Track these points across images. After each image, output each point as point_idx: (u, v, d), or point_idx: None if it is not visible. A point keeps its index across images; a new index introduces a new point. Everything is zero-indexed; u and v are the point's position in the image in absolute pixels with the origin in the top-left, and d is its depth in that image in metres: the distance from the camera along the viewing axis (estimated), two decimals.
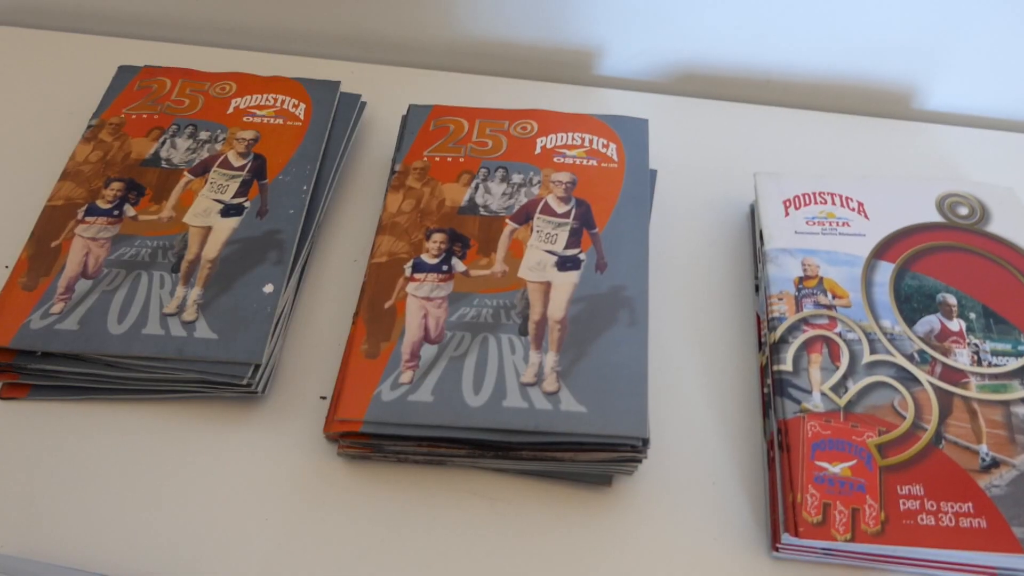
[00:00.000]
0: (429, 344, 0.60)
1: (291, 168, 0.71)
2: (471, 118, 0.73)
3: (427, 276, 0.63)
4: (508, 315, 0.61)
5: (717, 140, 0.79)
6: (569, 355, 0.59)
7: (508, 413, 0.56)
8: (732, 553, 0.57)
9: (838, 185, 0.69)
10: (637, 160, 0.70)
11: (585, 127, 0.72)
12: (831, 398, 0.58)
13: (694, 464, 0.60)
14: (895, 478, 0.55)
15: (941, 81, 0.81)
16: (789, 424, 0.57)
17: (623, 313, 0.61)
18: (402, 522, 0.58)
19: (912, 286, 0.63)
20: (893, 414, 0.58)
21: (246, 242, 0.66)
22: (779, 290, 0.63)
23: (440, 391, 0.57)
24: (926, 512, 0.54)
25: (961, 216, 0.67)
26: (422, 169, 0.70)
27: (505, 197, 0.68)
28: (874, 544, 0.53)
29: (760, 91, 0.84)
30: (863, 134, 0.80)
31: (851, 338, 0.61)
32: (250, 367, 0.60)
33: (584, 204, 0.67)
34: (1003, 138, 0.80)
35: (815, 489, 0.55)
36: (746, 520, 0.58)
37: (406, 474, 0.60)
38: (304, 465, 0.60)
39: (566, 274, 0.63)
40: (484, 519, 0.58)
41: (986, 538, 0.53)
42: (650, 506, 0.59)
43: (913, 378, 0.59)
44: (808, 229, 0.66)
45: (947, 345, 0.61)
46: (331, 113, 0.76)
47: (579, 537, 0.57)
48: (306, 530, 0.57)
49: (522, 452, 0.57)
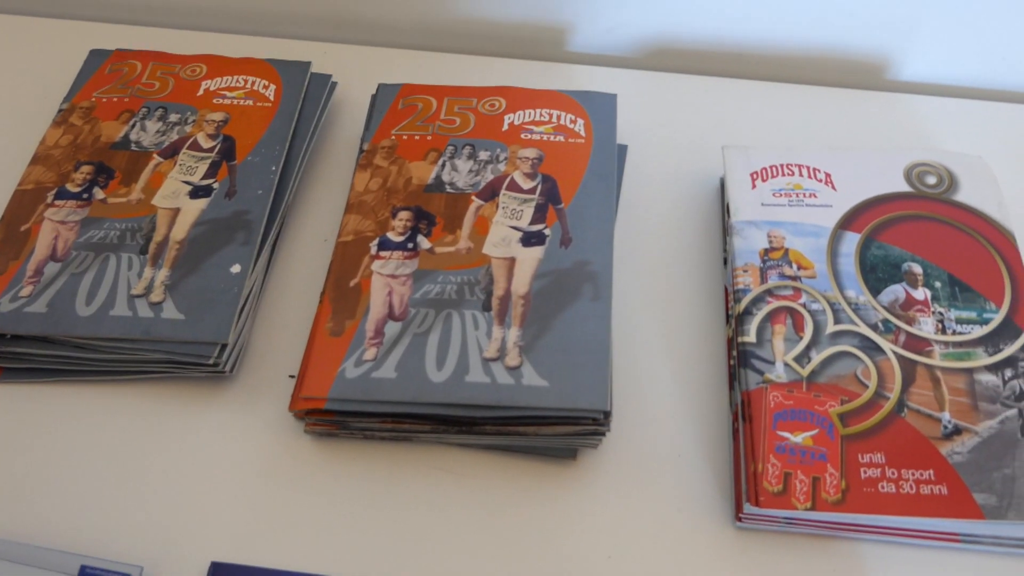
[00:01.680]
0: (393, 321, 0.60)
1: (260, 149, 0.71)
2: (440, 96, 0.73)
3: (392, 254, 0.63)
4: (472, 291, 0.61)
5: (689, 114, 0.79)
6: (532, 330, 0.59)
7: (471, 388, 0.57)
8: (696, 524, 0.57)
9: (806, 157, 0.69)
10: (605, 135, 0.70)
11: (553, 103, 0.72)
12: (794, 368, 0.58)
13: (660, 437, 0.60)
14: (856, 447, 0.55)
15: (915, 51, 0.81)
16: (752, 395, 0.58)
17: (587, 288, 0.61)
18: (369, 498, 0.58)
19: (878, 256, 0.63)
20: (856, 383, 0.58)
21: (214, 223, 0.66)
22: (744, 262, 0.63)
23: (403, 367, 0.58)
24: (887, 480, 0.54)
25: (929, 185, 0.67)
26: (390, 148, 0.70)
27: (471, 174, 0.68)
28: (834, 512, 0.53)
29: (733, 64, 0.84)
30: (837, 106, 0.80)
31: (815, 308, 0.61)
32: (216, 347, 0.61)
33: (550, 180, 0.67)
34: (977, 107, 0.80)
35: (776, 459, 0.55)
36: (711, 491, 0.58)
37: (373, 451, 0.60)
38: (273, 443, 0.60)
39: (530, 250, 0.63)
40: (450, 494, 0.58)
41: (947, 504, 0.54)
42: (615, 479, 0.59)
43: (877, 347, 0.59)
44: (775, 201, 0.66)
45: (912, 314, 0.61)
46: (301, 94, 0.76)
47: (545, 510, 0.58)
48: (274, 507, 0.57)
49: (485, 427, 0.57)
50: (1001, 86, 0.82)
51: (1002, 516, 0.53)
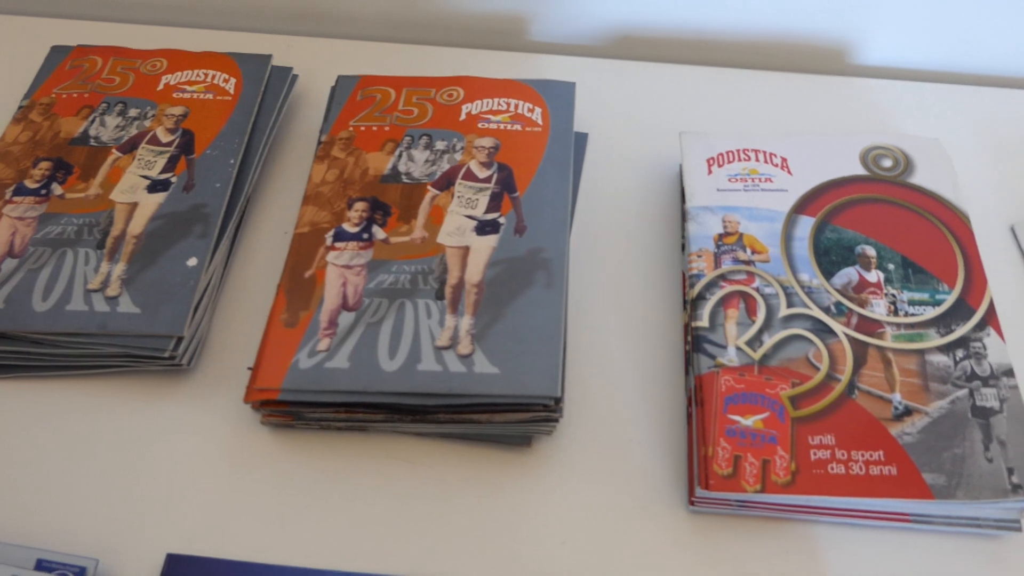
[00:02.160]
0: (347, 311, 0.60)
1: (219, 142, 0.71)
2: (398, 87, 0.73)
3: (348, 245, 0.63)
4: (426, 280, 0.61)
5: (652, 102, 0.79)
6: (484, 318, 0.59)
7: (422, 377, 0.57)
8: (650, 508, 0.57)
9: (762, 142, 0.69)
10: (562, 123, 0.70)
11: (511, 92, 0.72)
12: (746, 352, 0.58)
13: (616, 423, 0.61)
14: (807, 429, 0.55)
15: (875, 36, 0.81)
16: (703, 379, 0.58)
17: (540, 275, 0.61)
18: (326, 488, 0.58)
19: (832, 239, 0.63)
20: (807, 366, 0.58)
21: (171, 217, 0.66)
22: (699, 247, 0.63)
23: (356, 357, 0.58)
24: (837, 461, 0.54)
25: (885, 168, 0.67)
26: (347, 139, 0.70)
27: (428, 164, 0.68)
28: (784, 494, 0.54)
29: (695, 51, 0.84)
30: (799, 91, 0.80)
31: (768, 292, 0.61)
32: (172, 340, 0.61)
33: (506, 168, 0.67)
34: (937, 90, 0.80)
35: (727, 442, 0.55)
36: (665, 476, 0.59)
37: (329, 441, 0.60)
38: (230, 435, 0.60)
39: (485, 238, 0.63)
40: (406, 483, 0.59)
41: (896, 485, 0.54)
42: (570, 465, 0.59)
43: (829, 330, 0.59)
44: (730, 186, 0.66)
45: (864, 296, 0.61)
46: (261, 87, 0.76)
47: (500, 498, 0.58)
48: (231, 499, 0.58)
49: (438, 415, 0.58)
50: (960, 69, 0.82)
51: (951, 496, 0.53)
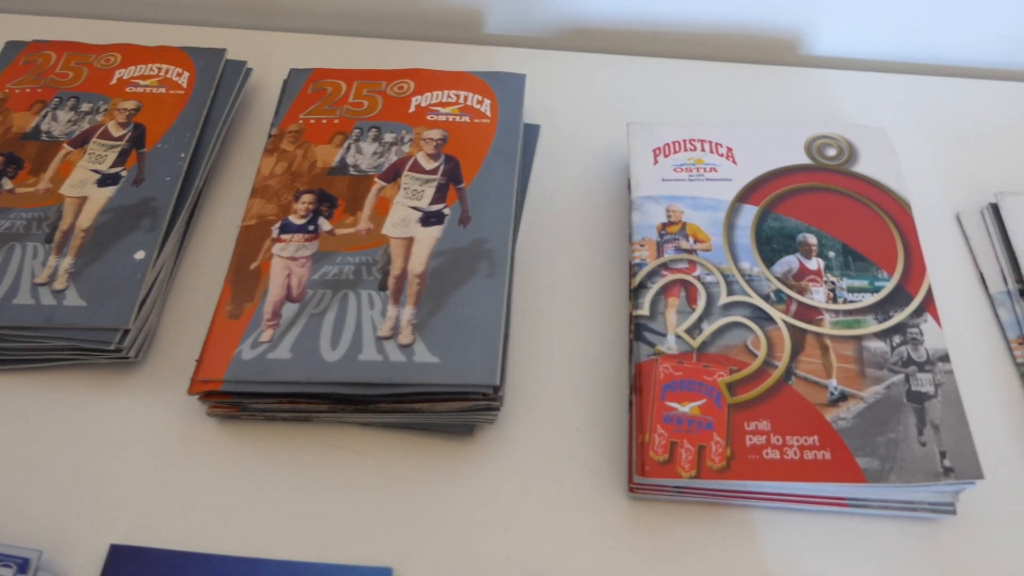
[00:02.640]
0: (291, 303, 0.60)
1: (171, 136, 0.72)
2: (350, 80, 0.74)
3: (293, 237, 0.64)
4: (369, 271, 0.61)
5: (605, 94, 0.79)
6: (426, 308, 0.59)
7: (363, 367, 0.57)
8: (592, 495, 0.58)
9: (709, 132, 0.69)
10: (510, 115, 0.70)
11: (461, 84, 0.73)
12: (685, 340, 0.59)
13: (560, 411, 0.61)
14: (743, 415, 0.56)
15: (827, 26, 0.81)
16: (642, 367, 0.58)
17: (483, 265, 0.61)
18: (271, 478, 0.59)
19: (774, 228, 0.64)
20: (745, 353, 0.58)
21: (120, 210, 0.67)
22: (642, 237, 0.64)
23: (298, 348, 0.58)
24: (772, 447, 0.55)
25: (829, 157, 0.68)
26: (297, 132, 0.70)
27: (376, 156, 0.68)
28: (719, 480, 0.54)
29: (649, 43, 0.84)
30: (752, 82, 0.80)
31: (709, 281, 0.61)
32: (118, 332, 0.61)
33: (453, 160, 0.67)
34: (888, 80, 0.80)
35: (663, 429, 0.56)
36: (607, 463, 0.59)
37: (275, 432, 0.61)
38: (178, 427, 0.61)
39: (429, 229, 0.63)
40: (351, 473, 0.59)
41: (830, 469, 0.54)
42: (513, 454, 0.60)
43: (768, 317, 0.60)
44: (675, 176, 0.67)
45: (804, 284, 0.61)
46: (215, 81, 0.76)
47: (443, 486, 0.58)
48: (177, 490, 0.58)
49: (380, 405, 0.58)
50: (910, 58, 0.82)
51: (884, 479, 0.54)
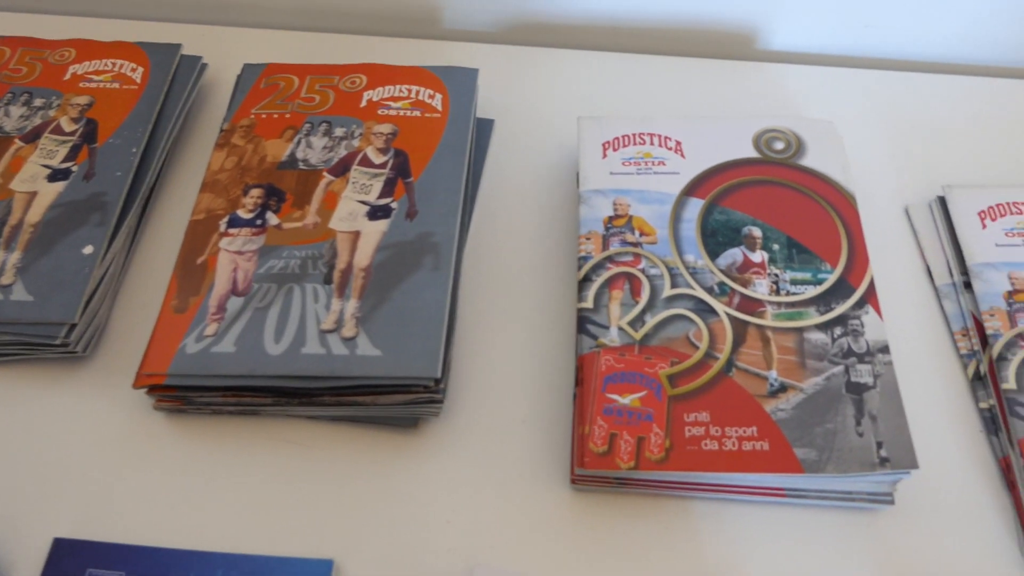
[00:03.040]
0: (236, 297, 0.61)
1: (123, 131, 0.72)
2: (303, 75, 0.74)
3: (241, 231, 0.64)
4: (315, 265, 0.62)
5: (561, 88, 0.80)
6: (370, 301, 0.60)
7: (306, 360, 0.57)
8: (535, 487, 0.58)
9: (658, 126, 0.70)
10: (461, 109, 0.71)
11: (413, 79, 0.73)
12: (628, 332, 0.59)
13: (506, 404, 0.61)
14: (683, 406, 0.56)
15: (782, 21, 0.82)
16: (584, 359, 0.58)
17: (428, 258, 0.61)
18: (218, 471, 0.59)
19: (720, 221, 0.64)
20: (687, 345, 0.59)
21: (69, 205, 0.67)
22: (588, 230, 0.64)
23: (242, 342, 0.58)
24: (710, 437, 0.55)
25: (776, 151, 0.68)
26: (248, 127, 0.70)
27: (325, 151, 0.68)
28: (657, 471, 0.55)
29: (606, 38, 0.84)
30: (708, 76, 0.81)
31: (654, 273, 0.62)
32: (65, 327, 0.61)
33: (402, 154, 0.67)
34: (841, 74, 0.81)
35: (603, 420, 0.56)
36: (552, 455, 0.59)
37: (222, 425, 0.61)
38: (125, 421, 0.61)
39: (376, 223, 0.63)
40: (297, 465, 0.59)
41: (768, 460, 0.55)
42: (459, 446, 0.60)
43: (711, 310, 0.60)
44: (623, 170, 0.67)
45: (748, 276, 0.62)
46: (169, 76, 0.76)
47: (387, 479, 0.59)
48: (123, 484, 0.58)
49: (323, 397, 0.58)
50: (865, 53, 0.83)
51: (821, 469, 0.54)
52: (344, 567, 0.55)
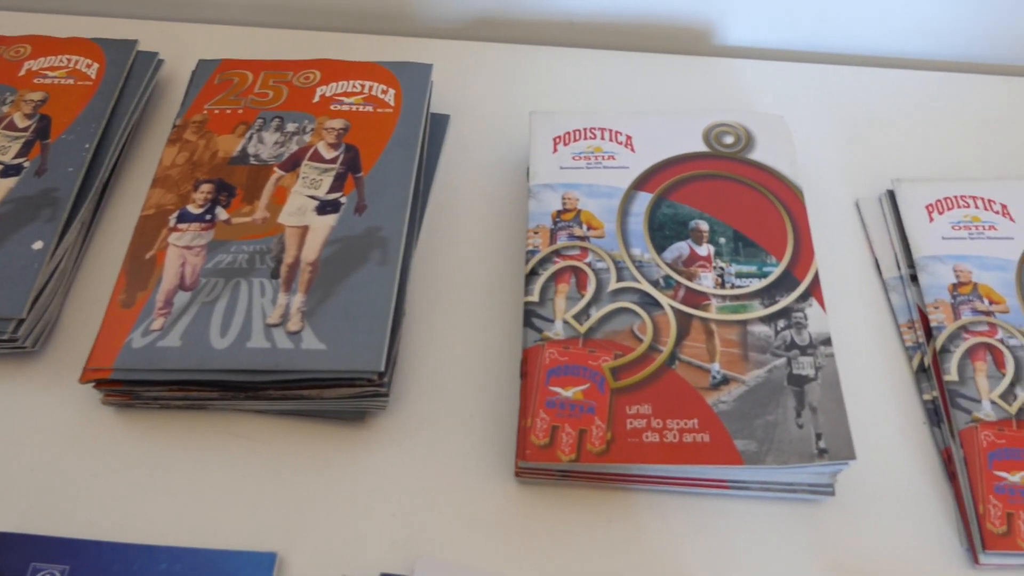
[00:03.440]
0: (183, 291, 0.61)
1: (76, 127, 0.72)
2: (257, 70, 0.74)
3: (190, 226, 0.64)
4: (263, 260, 0.62)
5: (518, 83, 0.80)
6: (316, 295, 0.60)
7: (251, 354, 0.58)
8: (480, 480, 0.59)
9: (609, 120, 0.70)
10: (414, 104, 0.71)
11: (367, 75, 0.73)
12: (572, 326, 0.60)
13: (454, 397, 0.62)
14: (625, 399, 0.57)
15: (738, 16, 0.82)
16: (528, 352, 0.59)
17: (375, 253, 0.62)
18: (165, 465, 0.59)
19: (667, 215, 0.65)
20: (631, 338, 0.59)
21: (20, 201, 0.67)
22: (536, 224, 0.64)
23: (188, 336, 0.59)
24: (652, 430, 0.56)
25: (726, 145, 0.68)
26: (200, 122, 0.70)
27: (277, 146, 0.68)
28: (598, 463, 0.55)
29: (563, 33, 0.84)
30: (664, 71, 0.81)
31: (600, 267, 0.62)
32: (12, 322, 0.61)
33: (353, 149, 0.68)
34: (795, 69, 0.81)
35: (545, 413, 0.56)
36: (497, 449, 0.60)
37: (171, 420, 0.61)
38: (74, 416, 0.61)
39: (324, 217, 0.64)
40: (245, 460, 0.59)
41: (708, 452, 0.55)
42: (406, 440, 0.60)
43: (655, 303, 0.61)
44: (573, 164, 0.67)
45: (694, 269, 0.62)
46: (124, 72, 0.76)
47: (335, 472, 0.59)
48: (71, 478, 0.58)
49: (269, 391, 0.58)
50: (819, 48, 0.83)
51: (761, 461, 0.55)
52: (288, 560, 0.55)
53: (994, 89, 0.80)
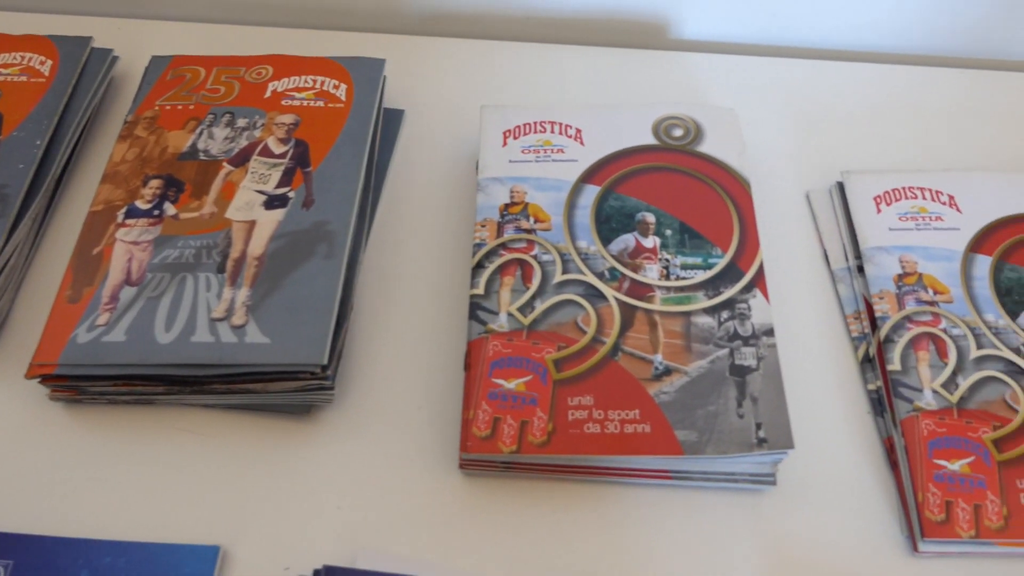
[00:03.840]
0: (130, 286, 0.61)
1: (27, 124, 0.72)
2: (209, 66, 0.74)
3: (138, 221, 0.64)
4: (209, 254, 0.62)
5: (474, 78, 0.80)
6: (262, 289, 0.60)
7: (195, 348, 0.58)
8: (425, 472, 0.59)
9: (559, 114, 0.70)
10: (366, 99, 0.71)
11: (319, 70, 0.73)
12: (517, 318, 0.60)
13: (401, 390, 0.62)
14: (567, 390, 0.57)
15: (693, 10, 0.82)
16: (473, 345, 0.59)
17: (322, 246, 0.62)
18: (112, 460, 0.59)
19: (614, 207, 0.65)
20: (575, 330, 0.59)
21: None
22: (484, 217, 0.65)
23: (133, 331, 0.59)
24: (593, 421, 0.56)
25: (675, 138, 0.69)
26: (151, 119, 0.70)
27: (227, 141, 0.68)
28: (539, 454, 0.55)
29: (520, 28, 0.85)
30: (621, 65, 0.81)
31: (546, 260, 0.62)
32: None
33: (303, 144, 0.68)
34: (749, 62, 0.81)
35: (488, 405, 0.56)
36: (444, 441, 0.60)
37: (119, 415, 0.61)
38: (22, 412, 0.61)
39: (272, 212, 0.64)
40: (192, 454, 0.60)
41: (649, 442, 0.55)
42: (353, 433, 0.60)
43: (600, 295, 0.61)
44: (522, 158, 0.68)
45: (639, 261, 0.62)
46: (78, 69, 0.76)
47: (282, 466, 0.59)
48: (17, 474, 0.58)
49: (214, 385, 0.59)
50: (772, 41, 0.84)
51: (701, 451, 0.55)
52: (232, 553, 0.56)
53: (945, 81, 0.81)
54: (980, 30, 0.82)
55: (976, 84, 0.81)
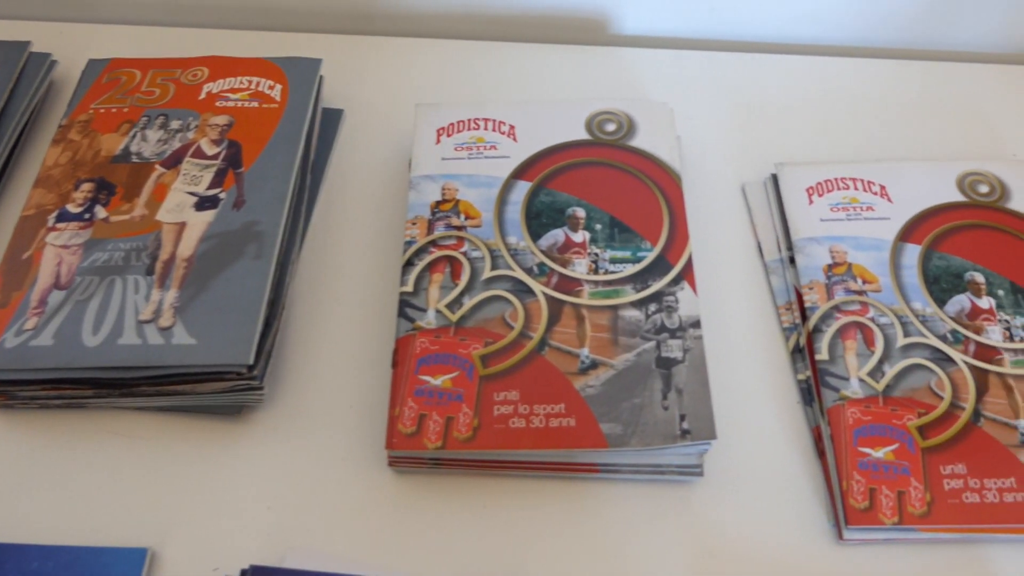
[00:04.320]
0: (58, 290, 0.61)
1: None
2: (145, 69, 0.74)
3: (68, 225, 0.64)
4: (139, 257, 0.62)
5: (413, 77, 0.80)
6: (190, 291, 0.60)
7: (122, 350, 0.58)
8: (355, 470, 0.59)
9: (493, 110, 0.70)
10: (301, 99, 0.71)
11: (255, 70, 0.73)
12: (445, 314, 0.60)
13: (332, 389, 0.62)
14: (493, 386, 0.57)
15: (633, 5, 0.83)
16: (400, 342, 0.59)
17: (251, 247, 0.62)
18: (42, 465, 0.59)
19: (544, 203, 0.65)
20: (503, 326, 0.60)
21: None
22: (415, 215, 0.65)
23: (61, 334, 0.59)
24: (518, 416, 0.56)
25: (608, 133, 0.69)
26: (85, 122, 0.70)
27: (160, 143, 0.68)
28: (464, 450, 0.55)
29: (460, 25, 0.85)
30: (562, 62, 0.81)
31: (475, 256, 0.63)
32: None
33: (235, 145, 0.68)
34: (688, 56, 0.82)
35: (414, 402, 0.57)
36: (372, 439, 0.60)
37: (49, 419, 0.61)
38: None
39: (202, 213, 0.64)
40: (122, 457, 0.60)
41: (573, 435, 0.56)
42: (284, 432, 0.60)
43: (528, 290, 0.61)
44: (455, 155, 0.68)
45: (568, 256, 0.63)
46: (15, 73, 0.76)
47: (212, 467, 0.59)
48: None
49: (142, 388, 0.59)
50: (711, 35, 0.84)
51: (626, 444, 0.55)
52: (161, 554, 0.56)
53: (881, 73, 0.81)
54: (915, 21, 0.83)
55: (911, 75, 0.81)
